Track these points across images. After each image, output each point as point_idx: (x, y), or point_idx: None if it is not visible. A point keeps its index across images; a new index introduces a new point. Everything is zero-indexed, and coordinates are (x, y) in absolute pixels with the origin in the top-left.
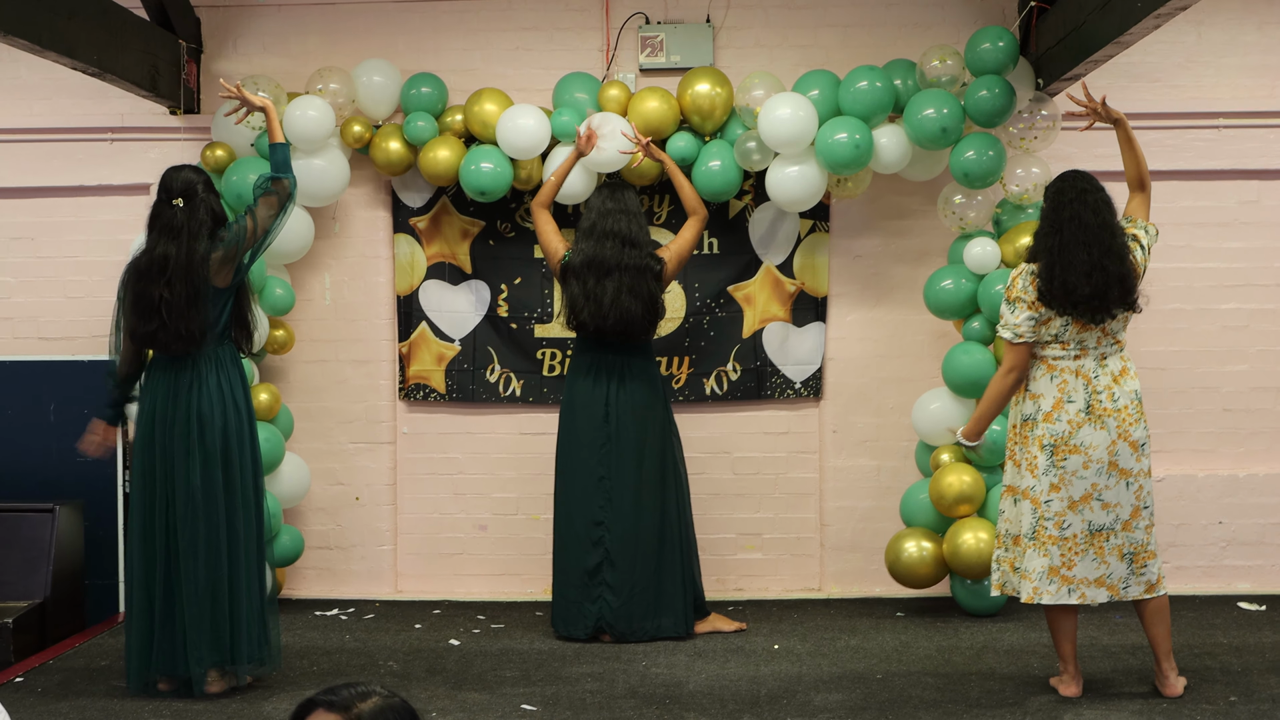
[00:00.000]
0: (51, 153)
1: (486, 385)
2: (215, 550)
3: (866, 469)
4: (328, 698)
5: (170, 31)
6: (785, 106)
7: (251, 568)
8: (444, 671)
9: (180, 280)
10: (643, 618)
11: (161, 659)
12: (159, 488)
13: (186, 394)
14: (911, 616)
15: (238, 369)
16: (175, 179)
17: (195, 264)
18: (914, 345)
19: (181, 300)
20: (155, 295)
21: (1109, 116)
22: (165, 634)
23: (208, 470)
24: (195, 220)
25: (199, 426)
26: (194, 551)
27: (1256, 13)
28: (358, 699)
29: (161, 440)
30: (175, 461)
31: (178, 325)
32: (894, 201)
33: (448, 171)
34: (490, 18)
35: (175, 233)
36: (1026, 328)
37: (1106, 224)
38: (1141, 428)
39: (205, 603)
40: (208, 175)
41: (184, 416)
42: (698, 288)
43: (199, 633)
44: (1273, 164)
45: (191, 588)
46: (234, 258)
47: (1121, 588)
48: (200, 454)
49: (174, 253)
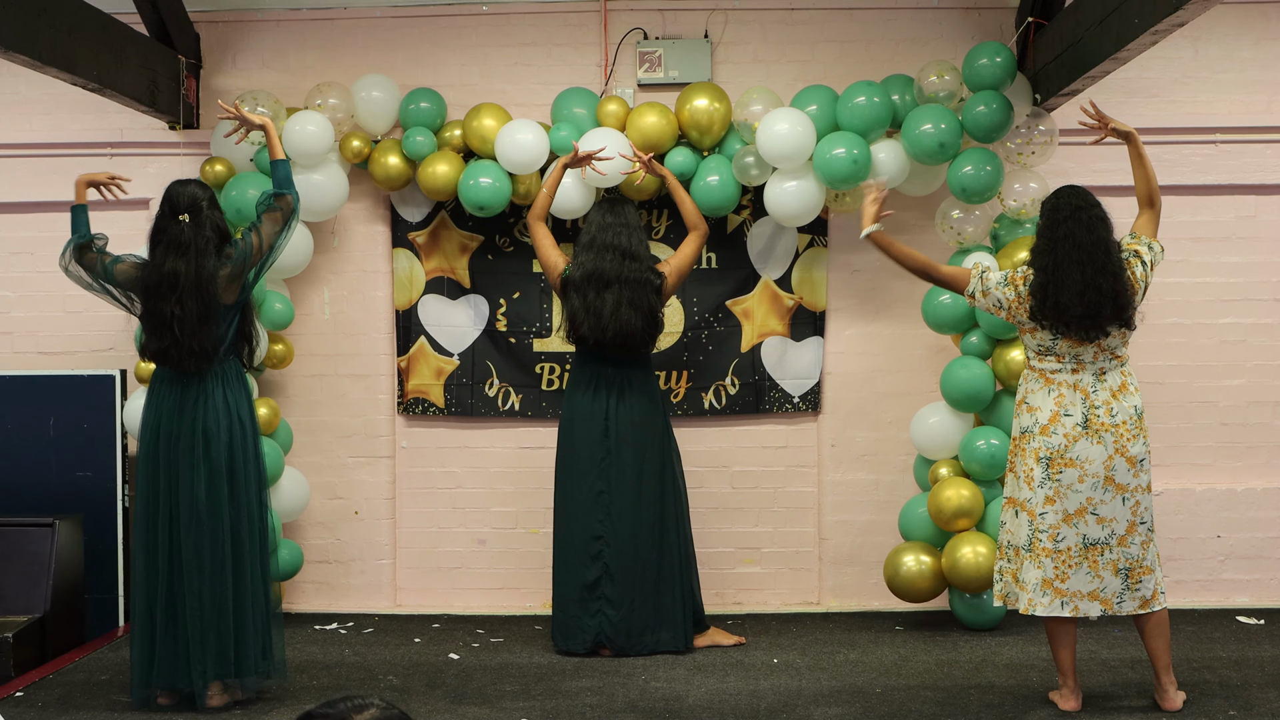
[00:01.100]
0: (51, 168)
1: (485, 399)
2: (219, 564)
3: (865, 483)
4: (324, 711)
5: (170, 47)
6: (783, 122)
7: (256, 581)
8: (443, 686)
9: (191, 297)
10: (642, 632)
11: (163, 672)
12: (163, 502)
13: (193, 409)
14: (910, 630)
15: (242, 384)
16: (181, 194)
17: (205, 281)
18: (912, 359)
19: (193, 317)
20: (166, 312)
21: (1118, 131)
22: (167, 647)
23: (213, 484)
24: (202, 237)
25: (204, 441)
26: (198, 565)
27: (1253, 29)
28: (354, 711)
29: (166, 455)
30: (180, 475)
31: (190, 342)
32: (892, 216)
33: (446, 186)
34: (489, 33)
35: (183, 249)
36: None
37: (1101, 241)
38: (1140, 443)
39: (209, 616)
40: (212, 191)
41: (189, 431)
42: (696, 302)
43: (202, 646)
44: (1269, 179)
45: (195, 601)
46: (240, 275)
47: (1115, 602)
48: (206, 468)
49: (183, 269)
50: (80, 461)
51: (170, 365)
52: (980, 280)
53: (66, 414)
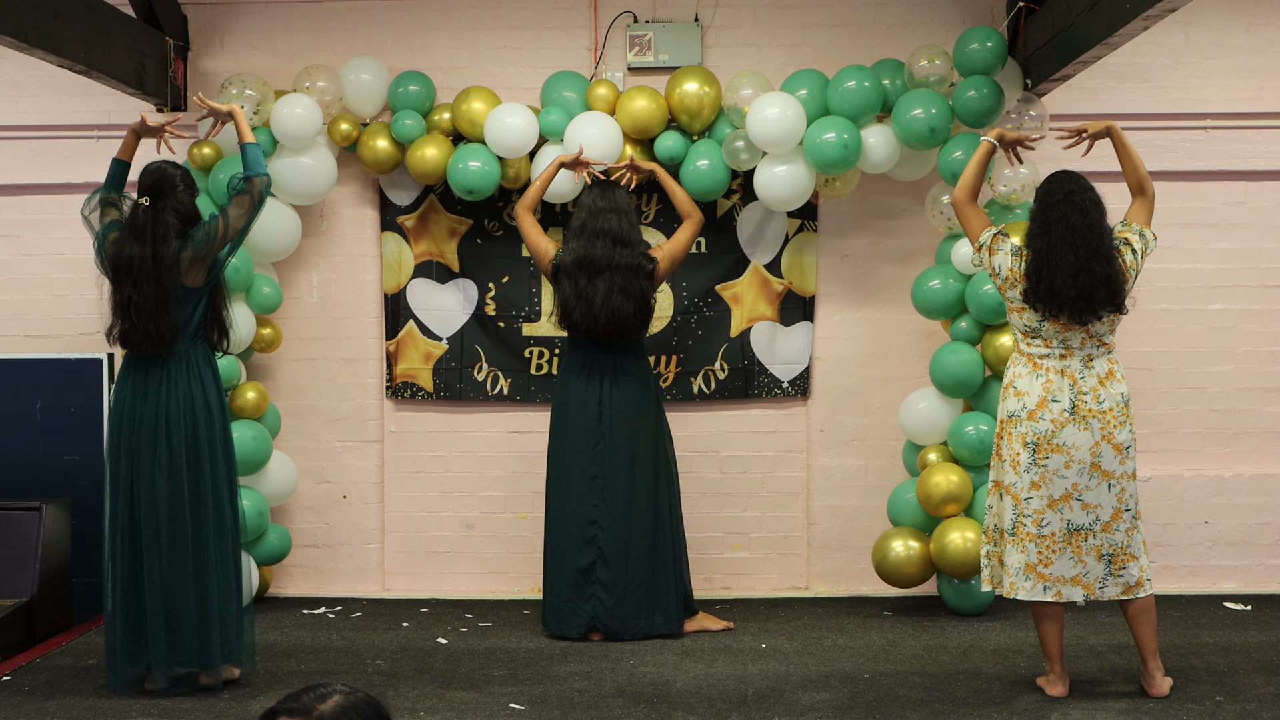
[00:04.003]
0: (38, 150)
1: (474, 384)
2: (176, 552)
3: (854, 468)
4: (288, 704)
5: (157, 29)
6: (773, 106)
7: (225, 570)
8: (431, 670)
9: (148, 281)
10: (636, 616)
11: (131, 656)
12: (123, 486)
13: (155, 394)
14: (898, 615)
15: (210, 369)
16: (145, 176)
17: (163, 265)
18: (901, 345)
19: (150, 301)
20: (125, 296)
21: (1096, 134)
22: (133, 631)
23: (173, 472)
24: (160, 221)
25: (165, 427)
26: (155, 551)
27: (1244, 14)
28: (318, 700)
29: (128, 439)
30: (140, 460)
31: (147, 326)
32: (882, 201)
33: (435, 170)
34: (478, 16)
35: (139, 233)
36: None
37: (1094, 224)
38: (1126, 431)
39: (167, 601)
40: (185, 170)
41: (151, 415)
42: (685, 287)
43: (155, 632)
44: (1260, 165)
45: (151, 587)
46: (205, 258)
47: (1098, 587)
48: (166, 454)
49: (138, 254)
50: (67, 445)
51: (132, 349)
52: (993, 237)
53: (53, 397)
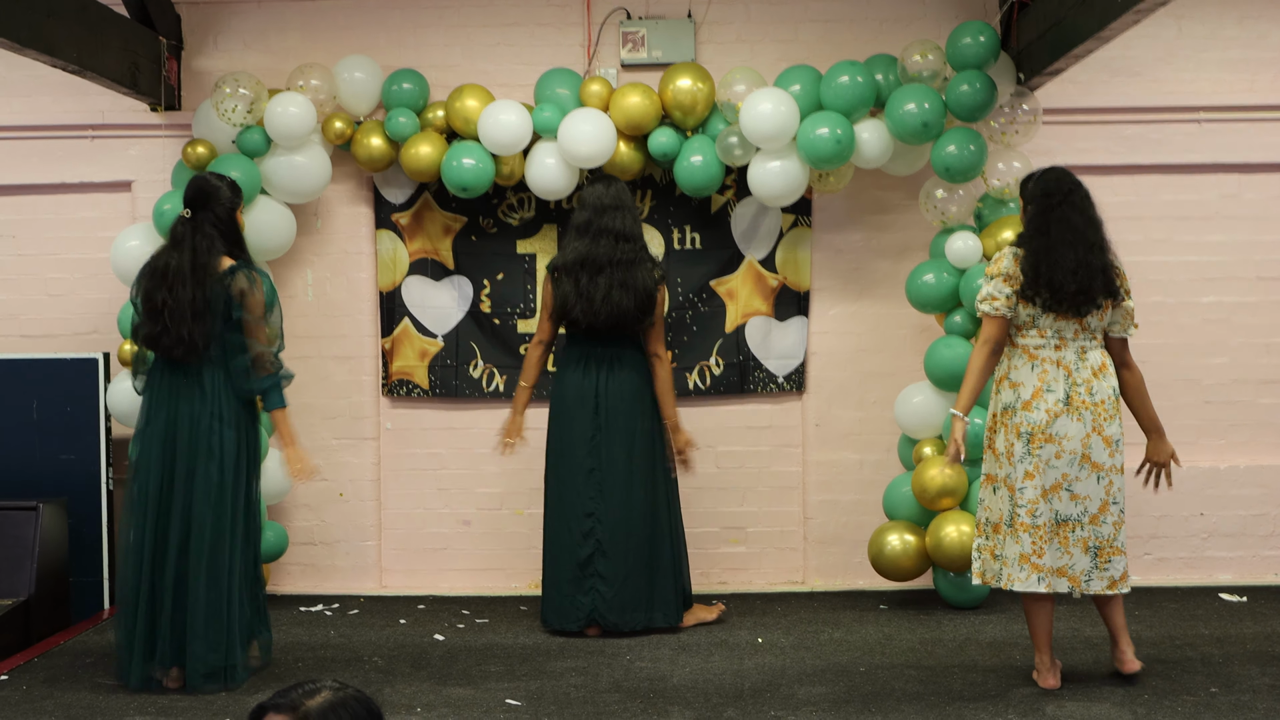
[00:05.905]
0: (31, 150)
1: (469, 381)
2: (193, 554)
3: (849, 462)
4: (276, 700)
5: (150, 28)
6: (767, 102)
7: (248, 573)
8: (429, 667)
9: (183, 287)
10: (635, 609)
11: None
12: (150, 487)
13: (178, 398)
14: (894, 609)
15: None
16: (189, 186)
17: (200, 275)
18: (896, 339)
19: (184, 306)
20: (158, 300)
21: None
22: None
23: (189, 476)
24: (201, 234)
25: (189, 431)
26: (164, 551)
27: (1236, 7)
28: (306, 697)
29: (149, 440)
30: (154, 462)
31: (179, 330)
32: (876, 196)
33: (429, 167)
34: (471, 13)
35: (178, 244)
36: (1004, 304)
37: (1092, 220)
38: (1116, 424)
39: (171, 602)
40: (231, 181)
41: (172, 419)
42: (680, 282)
43: (162, 629)
44: (1253, 158)
45: (162, 586)
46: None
47: (1084, 580)
48: (186, 459)
49: (175, 261)
50: (64, 445)
51: (161, 353)
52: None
53: (50, 397)
